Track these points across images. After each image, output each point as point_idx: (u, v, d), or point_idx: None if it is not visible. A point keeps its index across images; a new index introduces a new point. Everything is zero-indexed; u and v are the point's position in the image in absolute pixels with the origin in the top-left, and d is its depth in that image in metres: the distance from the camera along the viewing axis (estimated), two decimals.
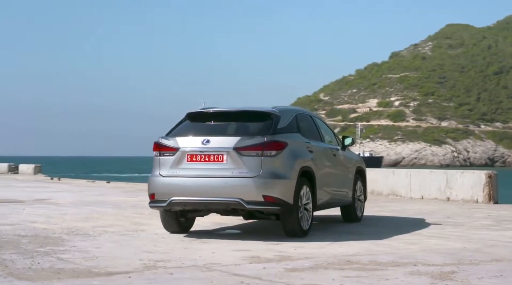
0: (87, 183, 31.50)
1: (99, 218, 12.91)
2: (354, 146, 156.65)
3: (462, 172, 18.37)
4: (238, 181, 9.56)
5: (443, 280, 6.76)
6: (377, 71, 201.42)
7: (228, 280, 6.71)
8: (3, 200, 17.87)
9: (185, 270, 7.28)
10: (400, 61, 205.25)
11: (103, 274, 7.03)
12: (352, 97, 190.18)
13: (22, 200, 17.85)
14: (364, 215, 14.04)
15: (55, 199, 18.46)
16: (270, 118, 10.11)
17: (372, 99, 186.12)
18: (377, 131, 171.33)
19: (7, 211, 14.41)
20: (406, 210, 15.42)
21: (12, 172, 40.48)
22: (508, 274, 7.11)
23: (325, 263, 7.74)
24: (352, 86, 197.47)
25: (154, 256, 8.25)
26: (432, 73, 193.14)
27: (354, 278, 6.85)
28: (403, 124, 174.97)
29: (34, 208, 15.29)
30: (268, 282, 6.64)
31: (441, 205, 16.94)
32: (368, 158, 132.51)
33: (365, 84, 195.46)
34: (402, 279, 6.78)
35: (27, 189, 24.15)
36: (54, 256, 8.15)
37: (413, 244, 9.49)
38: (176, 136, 10.06)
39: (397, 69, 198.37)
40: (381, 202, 17.77)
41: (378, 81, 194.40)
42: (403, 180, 19.44)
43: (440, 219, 13.11)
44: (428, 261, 7.95)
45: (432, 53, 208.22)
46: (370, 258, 8.13)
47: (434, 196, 18.56)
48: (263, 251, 8.73)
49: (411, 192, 19.15)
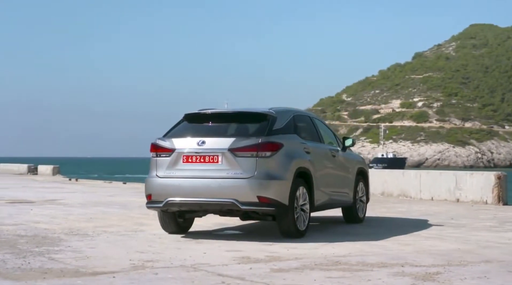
0: (103, 184, 31.70)
1: (103, 219, 13.02)
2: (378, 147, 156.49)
3: (471, 173, 18.29)
4: (233, 182, 9.61)
5: (425, 281, 6.78)
6: (400, 72, 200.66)
7: (210, 280, 6.76)
8: (14, 200, 18.06)
9: (171, 270, 7.35)
10: (423, 62, 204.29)
11: (89, 274, 7.11)
12: (375, 98, 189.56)
13: (32, 200, 18.01)
14: (369, 216, 14.06)
15: (65, 199, 18.61)
16: (266, 119, 10.15)
17: (395, 100, 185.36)
18: (400, 132, 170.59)
19: (15, 211, 14.57)
20: (412, 211, 15.38)
21: (31, 173, 40.84)
22: (492, 275, 7.10)
23: (312, 264, 7.77)
24: (375, 87, 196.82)
25: (145, 256, 8.32)
26: (456, 73, 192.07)
27: (336, 278, 6.88)
28: (426, 125, 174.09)
29: (42, 208, 15.43)
30: (249, 282, 6.69)
31: (449, 206, 16.87)
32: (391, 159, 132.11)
33: (388, 85, 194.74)
34: (384, 280, 6.80)
35: (42, 189, 24.35)
36: (47, 256, 8.25)
37: (407, 245, 9.49)
38: (173, 137, 10.14)
39: (421, 70, 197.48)
40: (390, 203, 17.74)
41: (401, 82, 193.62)
42: (413, 181, 19.39)
43: (443, 220, 13.08)
44: (417, 262, 7.95)
45: (456, 54, 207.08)
46: (360, 259, 8.14)
47: (443, 197, 18.49)
48: (255, 251, 8.78)
49: (421, 193, 19.09)
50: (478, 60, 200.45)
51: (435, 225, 12.28)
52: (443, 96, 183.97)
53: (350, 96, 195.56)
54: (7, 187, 25.61)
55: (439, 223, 12.62)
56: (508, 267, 7.63)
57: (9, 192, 21.93)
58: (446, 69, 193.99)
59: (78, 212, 14.40)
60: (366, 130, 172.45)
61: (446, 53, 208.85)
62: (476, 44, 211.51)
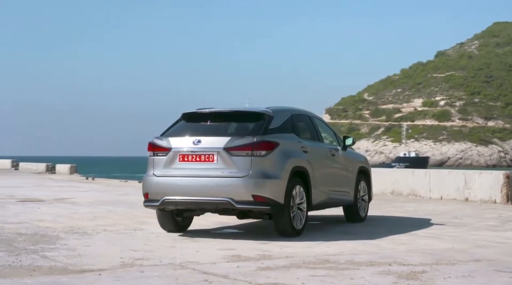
0: (119, 183, 31.82)
1: (106, 217, 13.11)
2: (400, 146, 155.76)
3: (480, 172, 18.22)
4: (228, 181, 9.67)
5: (407, 279, 6.80)
6: (422, 71, 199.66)
7: (194, 278, 6.82)
8: (25, 199, 18.20)
9: (158, 268, 7.42)
10: (445, 60, 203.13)
11: (77, 271, 7.20)
12: (397, 97, 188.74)
13: (43, 199, 18.15)
14: (374, 215, 14.07)
15: (76, 198, 18.72)
16: (262, 119, 10.20)
17: (417, 99, 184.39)
18: (422, 131, 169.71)
19: (22, 209, 14.72)
20: (418, 210, 15.35)
21: (49, 172, 41.10)
22: (477, 275, 7.11)
23: (301, 262, 7.81)
24: (397, 85, 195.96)
25: (137, 254, 8.40)
26: (479, 72, 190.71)
27: (319, 277, 6.92)
28: (449, 124, 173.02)
29: (50, 207, 15.56)
30: (232, 280, 6.75)
31: (457, 205, 16.81)
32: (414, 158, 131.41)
33: (410, 83, 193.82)
34: (366, 279, 6.83)
35: (56, 188, 24.51)
36: (40, 254, 8.34)
37: (402, 244, 9.50)
38: (169, 136, 10.21)
39: (443, 68, 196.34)
40: (398, 203, 17.70)
41: (423, 81, 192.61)
42: (423, 181, 19.33)
43: (446, 220, 13.04)
44: (406, 261, 7.97)
45: (479, 52, 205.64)
46: (349, 258, 8.17)
47: (453, 196, 18.43)
48: (247, 250, 8.83)
49: (430, 193, 19.03)
50: (501, 58, 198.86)
51: (437, 224, 12.26)
52: (465, 94, 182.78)
53: (371, 95, 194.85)
54: (22, 186, 25.80)
55: (441, 222, 12.59)
56: (497, 266, 7.63)
57: (23, 191, 22.10)
58: (468, 68, 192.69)
59: (84, 211, 14.51)
60: (387, 129, 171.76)
61: (468, 52, 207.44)
62: (499, 42, 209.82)
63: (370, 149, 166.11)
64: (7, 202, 16.98)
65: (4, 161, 48.67)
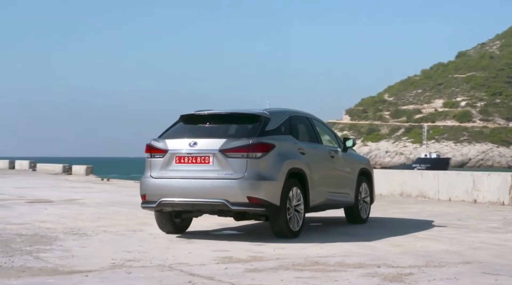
0: (133, 184, 31.93)
1: (110, 218, 13.20)
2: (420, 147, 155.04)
3: (488, 173, 18.13)
4: (223, 183, 9.72)
5: (392, 282, 6.81)
6: (443, 71, 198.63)
7: (179, 279, 6.88)
8: (35, 200, 18.35)
9: (146, 269, 7.47)
10: (466, 61, 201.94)
11: (66, 272, 7.27)
12: (417, 98, 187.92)
13: (52, 200, 18.28)
14: (377, 216, 14.07)
15: (85, 199, 18.84)
16: (259, 120, 10.24)
17: (438, 100, 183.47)
18: (442, 132, 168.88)
19: (29, 210, 14.85)
20: (423, 212, 15.30)
21: (66, 173, 41.36)
22: (463, 277, 7.10)
23: (290, 264, 7.84)
24: (417, 86, 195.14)
25: (130, 255, 8.46)
26: (500, 72, 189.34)
27: (304, 278, 6.95)
28: (470, 124, 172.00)
29: (57, 208, 15.67)
30: (217, 281, 6.79)
31: (464, 207, 16.74)
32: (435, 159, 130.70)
33: (431, 84, 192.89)
34: (351, 281, 6.85)
35: (68, 189, 24.66)
36: (34, 255, 8.43)
37: (397, 246, 9.50)
38: (166, 138, 10.28)
39: (464, 69, 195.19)
40: (405, 204, 17.65)
41: (444, 81, 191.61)
42: (431, 182, 19.26)
43: (449, 222, 13.00)
44: (396, 263, 7.97)
45: (500, 52, 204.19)
46: (340, 260, 8.18)
47: (461, 198, 18.35)
48: (241, 251, 8.87)
49: (439, 194, 18.96)
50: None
51: (438, 226, 12.23)
52: (486, 95, 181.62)
53: (392, 96, 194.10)
54: (36, 187, 25.98)
55: (443, 224, 12.56)
56: (486, 269, 7.61)
57: (35, 192, 22.27)
58: (490, 68, 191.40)
59: (90, 212, 14.61)
60: (408, 130, 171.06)
61: (490, 52, 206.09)
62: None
63: (390, 150, 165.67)
64: (16, 203, 17.13)
65: (22, 162, 49.06)
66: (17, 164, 49.52)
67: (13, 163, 50.22)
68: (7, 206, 16.11)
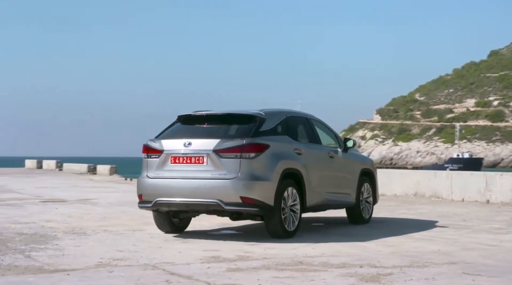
0: None
1: (115, 218, 13.34)
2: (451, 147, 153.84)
3: (501, 174, 18.01)
4: (217, 183, 9.80)
5: (367, 282, 6.85)
6: (475, 70, 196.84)
7: (157, 278, 6.97)
8: (49, 199, 18.58)
9: (130, 268, 7.58)
10: (499, 60, 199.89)
11: (49, 271, 7.40)
12: (449, 97, 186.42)
13: (66, 199, 18.50)
14: (382, 217, 14.08)
15: (99, 199, 19.02)
16: (254, 121, 10.30)
17: (470, 99, 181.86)
18: (474, 132, 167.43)
19: (39, 210, 15.06)
20: (431, 212, 15.25)
21: (91, 172, 41.78)
22: (441, 277, 7.11)
23: (274, 264, 7.89)
24: (449, 85, 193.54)
25: (120, 255, 8.58)
26: None
27: (282, 278, 7.01)
28: (502, 124, 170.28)
29: (68, 207, 15.87)
30: (193, 281, 6.88)
31: (474, 207, 16.65)
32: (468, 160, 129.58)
33: (463, 83, 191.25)
34: (327, 281, 6.89)
35: (88, 189, 24.91)
36: (26, 254, 8.58)
37: (390, 247, 9.51)
38: (162, 139, 10.39)
39: (496, 68, 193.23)
40: (416, 204, 17.60)
41: (476, 81, 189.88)
42: (444, 182, 19.17)
43: (453, 222, 12.95)
44: (380, 263, 8.00)
45: None
46: (326, 260, 8.22)
47: (474, 198, 18.24)
48: (231, 251, 8.94)
49: (452, 195, 18.86)
50: None
51: (440, 226, 12.20)
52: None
53: (423, 96, 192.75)
54: (57, 187, 26.27)
55: (446, 224, 12.51)
56: (468, 269, 7.61)
57: (53, 192, 22.53)
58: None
59: (98, 212, 14.77)
60: (439, 130, 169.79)
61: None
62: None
63: (421, 150, 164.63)
64: (30, 202, 17.37)
65: (49, 162, 49.66)
66: (44, 164, 50.15)
67: (40, 163, 50.87)
68: (20, 205, 16.35)
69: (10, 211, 14.65)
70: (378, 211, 15.40)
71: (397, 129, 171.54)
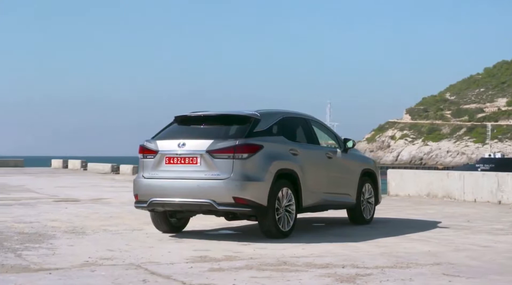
0: None
1: (120, 217, 13.47)
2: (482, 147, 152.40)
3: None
4: (210, 183, 9.88)
5: (342, 282, 6.88)
6: (507, 69, 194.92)
7: (135, 278, 7.07)
8: (63, 199, 18.79)
9: (113, 268, 7.68)
10: None
11: (33, 270, 7.53)
12: (480, 97, 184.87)
13: (80, 199, 18.70)
14: (387, 217, 14.09)
15: (113, 198, 19.18)
16: (248, 122, 10.37)
17: (501, 98, 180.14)
18: (505, 131, 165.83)
19: (49, 209, 15.26)
20: (438, 213, 15.18)
21: (114, 172, 42.11)
22: (418, 278, 7.12)
23: (257, 264, 7.95)
24: (480, 85, 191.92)
25: (109, 254, 8.69)
26: None
27: (259, 278, 7.07)
28: None
29: (78, 207, 16.05)
30: (170, 280, 6.97)
31: (484, 208, 16.55)
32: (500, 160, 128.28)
33: (494, 82, 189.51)
34: (303, 281, 6.94)
35: (106, 188, 25.12)
36: (17, 253, 8.72)
37: (381, 247, 9.52)
38: (158, 139, 10.51)
39: None
40: (427, 205, 17.52)
41: (507, 80, 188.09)
42: (457, 183, 19.06)
43: (456, 223, 12.90)
44: (365, 263, 8.02)
45: None
46: (311, 260, 8.26)
47: (486, 199, 18.13)
48: (220, 251, 9.01)
49: (465, 195, 18.76)
50: None
51: (441, 227, 12.17)
52: None
53: (453, 95, 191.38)
54: (75, 186, 26.53)
55: (448, 225, 12.47)
56: (450, 270, 7.61)
57: (70, 191, 22.75)
58: None
59: (106, 211, 14.91)
60: (469, 129, 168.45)
61: None
62: None
63: (451, 150, 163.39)
64: (43, 202, 17.59)
65: (74, 162, 50.14)
66: (70, 163, 50.64)
67: (66, 163, 51.38)
68: (32, 205, 16.56)
69: (20, 210, 14.86)
70: (386, 211, 15.41)
71: (427, 129, 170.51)
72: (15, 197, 19.15)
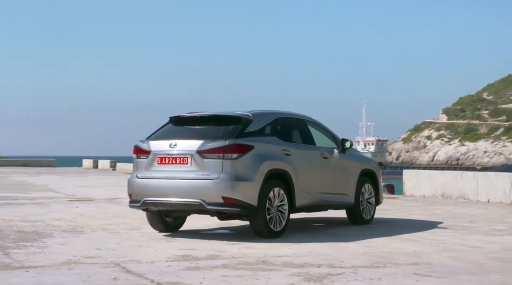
0: None
1: (123, 217, 13.62)
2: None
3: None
4: (200, 183, 10.00)
5: (309, 281, 6.95)
6: None
7: (108, 276, 7.21)
8: (77, 198, 19.06)
9: (92, 266, 7.82)
10: None
11: (13, 268, 7.71)
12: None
13: (94, 198, 18.96)
14: (392, 217, 14.11)
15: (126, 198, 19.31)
16: (240, 122, 10.46)
17: None
18: None
19: (58, 208, 15.53)
20: (444, 213, 15.13)
21: None
22: (387, 278, 7.18)
23: (235, 263, 8.04)
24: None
25: (94, 252, 8.85)
26: None
27: (230, 277, 7.17)
28: None
29: (88, 206, 16.27)
30: (142, 279, 7.10)
31: (494, 208, 16.44)
32: None
33: None
34: (270, 281, 7.02)
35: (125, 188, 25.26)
36: (6, 251, 8.91)
37: (369, 247, 9.55)
38: (151, 140, 10.65)
39: None
40: (438, 205, 17.45)
41: None
42: (471, 183, 18.94)
43: (458, 223, 12.85)
44: (343, 263, 8.08)
45: None
46: (290, 260, 8.32)
47: (499, 199, 17.99)
48: (205, 250, 9.11)
49: (478, 196, 18.63)
50: None
51: (440, 227, 12.14)
52: None
53: (491, 95, 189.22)
54: (96, 186, 26.88)
55: (448, 226, 12.44)
56: (423, 270, 7.64)
57: (89, 191, 23.08)
58: None
59: (113, 211, 15.10)
60: (507, 129, 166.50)
61: None
62: None
63: (489, 150, 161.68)
64: (57, 201, 17.88)
65: (104, 162, 50.72)
66: (100, 163, 51.23)
67: (96, 163, 51.99)
68: (45, 204, 16.85)
69: (30, 209, 15.12)
70: (392, 212, 15.41)
71: (464, 129, 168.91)
72: (33, 197, 19.47)
